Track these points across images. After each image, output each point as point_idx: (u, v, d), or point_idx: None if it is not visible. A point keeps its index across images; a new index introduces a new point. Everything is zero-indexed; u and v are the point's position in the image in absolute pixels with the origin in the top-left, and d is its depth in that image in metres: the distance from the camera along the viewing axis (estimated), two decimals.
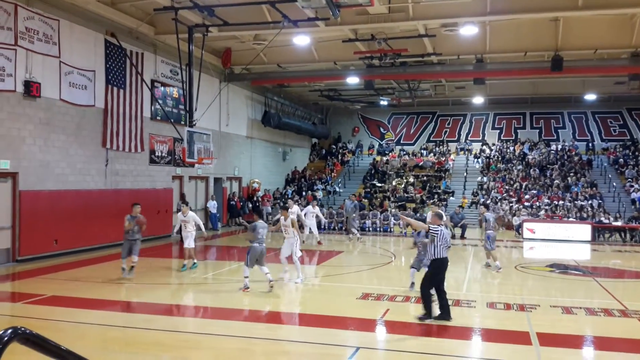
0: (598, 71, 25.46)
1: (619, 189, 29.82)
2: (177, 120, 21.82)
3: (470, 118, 38.31)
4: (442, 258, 9.48)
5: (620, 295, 11.95)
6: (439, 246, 9.44)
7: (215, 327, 8.96)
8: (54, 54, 16.52)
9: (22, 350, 2.53)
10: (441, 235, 9.48)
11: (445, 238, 9.54)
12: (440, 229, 9.56)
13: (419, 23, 19.37)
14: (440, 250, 9.45)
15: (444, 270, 9.61)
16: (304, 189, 33.24)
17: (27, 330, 2.48)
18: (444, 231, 9.63)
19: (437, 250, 9.45)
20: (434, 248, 9.47)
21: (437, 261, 9.49)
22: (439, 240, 9.44)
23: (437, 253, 9.45)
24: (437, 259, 9.48)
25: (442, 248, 9.46)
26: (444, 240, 9.50)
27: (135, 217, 13.12)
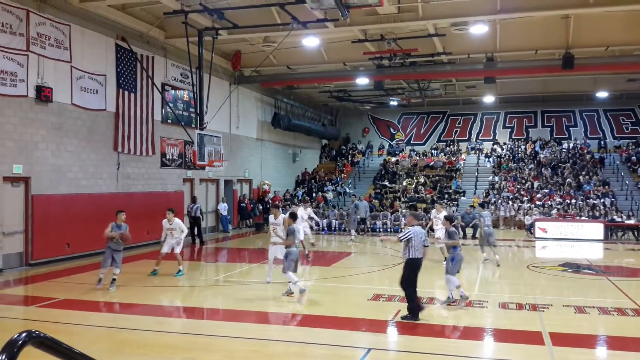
0: (610, 68, 25.28)
1: (631, 187, 29.56)
2: (187, 123, 21.92)
3: (481, 117, 38.15)
4: (416, 258, 9.57)
5: (634, 294, 11.84)
6: (413, 247, 9.51)
7: (226, 329, 8.98)
8: (66, 59, 16.66)
9: (37, 353, 2.56)
10: (414, 235, 9.53)
11: (420, 238, 9.59)
12: (410, 231, 9.61)
13: (428, 23, 19.32)
14: (414, 251, 9.53)
15: (419, 269, 9.70)
16: (314, 190, 33.25)
17: (41, 333, 2.50)
18: (417, 231, 9.62)
19: (411, 250, 9.54)
20: (409, 249, 9.55)
21: (411, 261, 9.57)
22: (413, 241, 9.50)
23: (412, 253, 9.54)
24: (411, 259, 9.57)
25: (417, 249, 9.53)
26: (420, 241, 9.56)
27: (120, 225, 12.52)
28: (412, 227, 9.71)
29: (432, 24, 19.72)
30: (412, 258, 9.57)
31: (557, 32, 20.86)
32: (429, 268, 15.58)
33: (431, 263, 15.09)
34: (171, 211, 14.36)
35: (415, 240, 9.52)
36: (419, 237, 9.57)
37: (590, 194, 28.53)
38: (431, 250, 13.21)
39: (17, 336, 2.40)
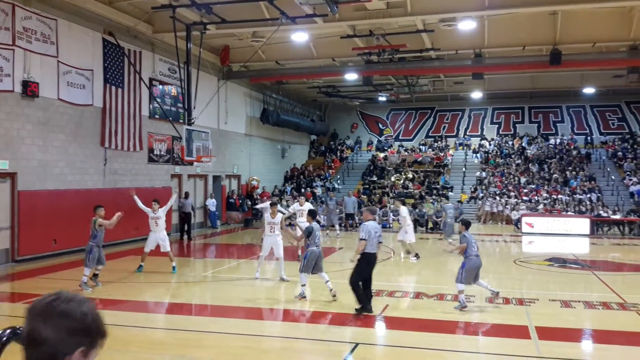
0: (596, 64, 25.49)
1: (617, 182, 29.86)
2: (175, 119, 21.82)
3: (468, 113, 38.31)
4: (370, 253, 9.55)
5: (619, 288, 11.98)
6: (368, 241, 9.47)
7: (216, 325, 8.99)
8: (52, 54, 16.51)
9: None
10: (367, 230, 9.51)
11: (375, 233, 9.56)
12: (364, 225, 9.62)
13: (417, 18, 19.35)
14: (368, 246, 9.48)
15: (371, 265, 9.67)
16: (303, 186, 33.26)
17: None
18: (371, 226, 9.59)
19: (367, 245, 9.47)
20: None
21: (364, 255, 9.55)
22: (366, 236, 9.47)
23: (366, 248, 9.48)
24: (365, 254, 9.53)
25: (371, 243, 9.49)
26: (375, 236, 9.53)
27: (96, 220, 12.14)
28: (367, 222, 9.71)
29: (421, 20, 19.75)
30: (366, 252, 9.52)
31: (544, 29, 20.98)
32: (425, 265, 15.69)
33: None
34: (156, 202, 14.27)
35: (368, 235, 9.48)
36: (374, 232, 9.55)
37: (576, 190, 28.77)
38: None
39: (2, 333, 2.39)
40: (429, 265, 16.48)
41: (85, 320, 1.68)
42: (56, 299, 1.68)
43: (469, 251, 10.04)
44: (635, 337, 8.40)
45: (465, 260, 10.12)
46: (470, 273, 10.01)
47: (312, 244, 10.68)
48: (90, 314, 1.71)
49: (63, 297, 1.68)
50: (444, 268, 15.93)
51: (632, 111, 35.35)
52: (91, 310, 1.72)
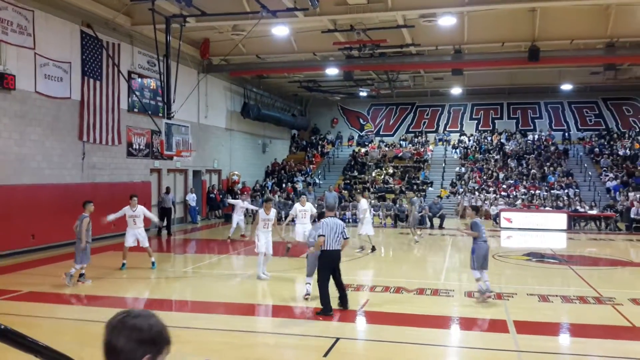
0: (574, 61, 25.80)
1: (594, 178, 30.31)
2: (154, 113, 21.63)
3: (448, 109, 38.56)
4: (329, 250, 9.35)
5: (595, 282, 12.16)
6: (327, 238, 9.33)
7: (196, 321, 8.94)
8: (29, 46, 16.24)
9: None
10: (327, 227, 9.37)
11: (335, 230, 9.38)
12: (322, 222, 9.55)
13: (397, 14, 19.40)
14: (328, 243, 9.33)
15: (333, 262, 9.45)
16: (284, 181, 33.21)
17: (2, 325, 2.45)
18: (330, 223, 9.45)
19: (325, 242, 9.35)
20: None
21: (324, 253, 9.42)
22: (324, 232, 9.36)
23: (325, 245, 9.36)
24: (324, 251, 9.40)
25: (331, 240, 9.32)
26: (335, 232, 9.36)
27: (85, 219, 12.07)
28: (325, 220, 9.60)
29: (401, 15, 19.80)
30: (325, 250, 9.39)
31: (523, 25, 21.17)
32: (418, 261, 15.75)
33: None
34: (135, 197, 14.08)
35: (326, 231, 9.32)
36: (333, 229, 9.35)
37: (554, 185, 29.14)
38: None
39: None
40: (409, 260, 16.59)
41: (151, 331, 1.95)
42: (127, 315, 1.99)
43: (480, 237, 10.38)
44: (611, 330, 8.54)
45: (475, 246, 10.45)
46: (480, 258, 10.31)
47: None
48: (155, 326, 1.97)
49: (133, 314, 1.99)
50: (424, 263, 16.05)
51: (609, 108, 35.88)
52: (156, 322, 1.99)
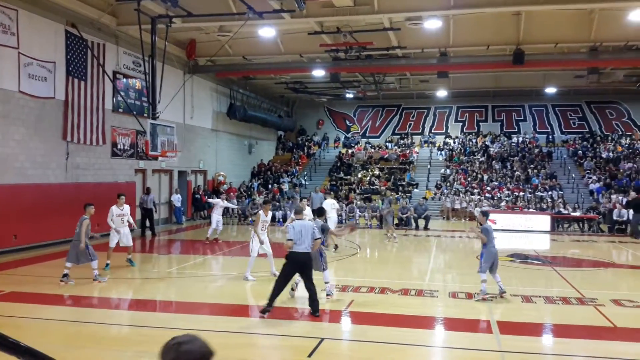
0: (558, 65, 26.06)
1: (577, 180, 30.62)
2: (140, 113, 21.51)
3: (434, 111, 38.77)
4: (295, 252, 9.14)
5: (578, 283, 12.28)
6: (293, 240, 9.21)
7: (180, 322, 8.90)
8: (13, 45, 16.09)
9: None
10: (292, 230, 9.26)
11: (302, 232, 9.20)
12: (290, 225, 9.48)
13: (384, 16, 19.48)
14: (295, 245, 9.16)
15: (298, 265, 9.20)
16: (270, 182, 33.18)
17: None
18: (299, 225, 9.33)
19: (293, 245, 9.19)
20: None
21: (290, 255, 9.26)
22: (291, 235, 9.22)
23: (293, 247, 9.20)
24: (291, 253, 9.24)
25: (299, 243, 9.14)
26: (301, 234, 9.18)
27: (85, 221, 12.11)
28: (293, 223, 9.52)
29: (388, 18, 19.89)
30: (291, 252, 9.23)
31: (508, 29, 21.36)
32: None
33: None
34: (123, 196, 14.05)
35: (294, 235, 9.18)
36: (301, 232, 9.17)
37: (538, 187, 29.38)
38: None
39: None
40: (394, 261, 16.65)
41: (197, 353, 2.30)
42: (177, 343, 2.29)
43: (489, 243, 10.60)
44: (593, 331, 8.63)
45: (484, 250, 10.71)
46: (488, 262, 10.57)
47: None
48: (199, 350, 2.31)
49: (182, 340, 2.30)
50: (409, 264, 16.11)
51: (592, 111, 36.29)
52: (202, 346, 2.33)
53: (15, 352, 2.62)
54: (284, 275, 9.31)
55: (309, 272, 9.30)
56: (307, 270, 9.29)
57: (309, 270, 9.32)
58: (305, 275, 9.29)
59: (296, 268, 9.28)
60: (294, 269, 9.29)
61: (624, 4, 18.34)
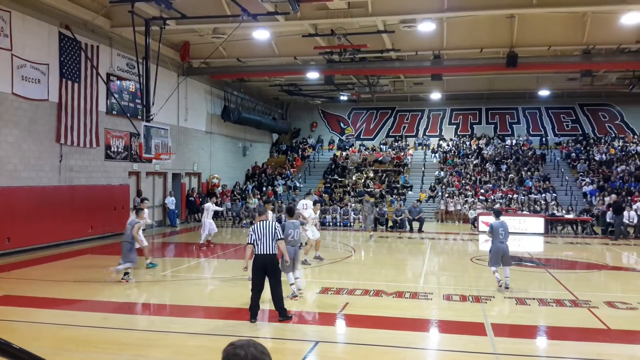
0: (551, 67, 26.15)
1: (571, 183, 30.73)
2: (133, 115, 21.45)
3: (428, 113, 38.84)
4: (259, 254, 8.97)
5: (572, 286, 12.33)
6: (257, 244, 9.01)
7: (174, 325, 8.89)
8: (6, 47, 16.04)
9: None
10: (252, 233, 9.07)
11: (262, 234, 8.98)
12: (250, 228, 9.24)
13: (378, 19, 19.52)
14: (258, 247, 8.98)
15: (264, 268, 8.95)
16: (265, 184, 33.15)
17: None
18: (258, 227, 9.09)
19: (256, 247, 9.02)
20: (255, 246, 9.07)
21: (255, 257, 9.06)
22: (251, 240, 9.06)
23: (256, 249, 9.02)
24: (256, 256, 9.04)
25: (261, 245, 8.94)
26: (264, 236, 8.97)
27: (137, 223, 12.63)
28: (253, 225, 9.27)
29: (382, 21, 19.92)
30: (255, 254, 9.04)
31: (502, 32, 21.43)
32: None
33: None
34: (146, 200, 14.91)
35: (254, 237, 9.01)
36: (262, 233, 8.98)
37: (531, 189, 29.47)
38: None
39: None
40: (388, 263, 16.65)
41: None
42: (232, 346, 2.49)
43: (494, 238, 11.74)
44: (587, 333, 8.66)
45: (492, 246, 11.86)
46: (496, 256, 11.65)
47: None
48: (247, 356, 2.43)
49: (236, 344, 2.49)
50: (404, 266, 16.12)
51: (586, 113, 36.45)
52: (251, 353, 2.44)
53: (8, 354, 2.60)
54: (254, 280, 9.04)
55: (274, 273, 9.03)
56: (273, 273, 9.02)
57: (275, 271, 9.06)
58: (273, 279, 9.01)
59: (262, 270, 8.96)
60: (260, 272, 8.97)
61: (616, 7, 18.42)
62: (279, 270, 9.22)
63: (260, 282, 8.96)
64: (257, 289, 8.94)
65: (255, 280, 9.01)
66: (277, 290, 9.00)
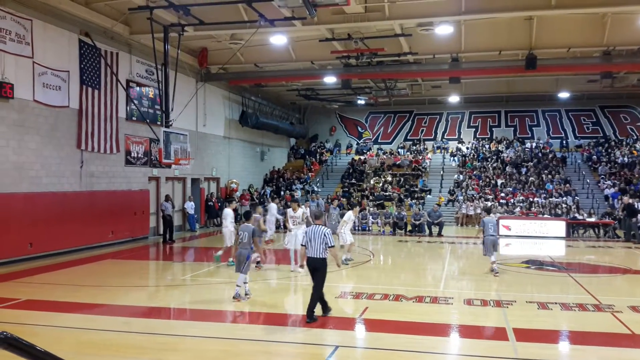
0: (571, 69, 25.90)
1: (592, 186, 30.33)
2: (153, 121, 21.64)
3: (446, 117, 38.67)
4: (308, 257, 9.46)
5: (594, 290, 12.15)
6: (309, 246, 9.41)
7: (194, 329, 8.91)
8: (27, 54, 16.27)
9: (3, 354, 2.50)
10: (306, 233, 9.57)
11: (314, 237, 9.35)
12: (307, 228, 9.72)
13: (395, 22, 19.48)
14: (308, 250, 9.43)
15: (312, 270, 9.46)
16: (283, 189, 33.21)
17: (9, 334, 2.44)
18: (311, 230, 9.49)
19: (307, 250, 9.45)
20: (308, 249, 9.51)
21: (307, 260, 9.55)
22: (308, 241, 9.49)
23: (308, 252, 9.47)
24: (307, 258, 9.51)
25: (312, 249, 9.34)
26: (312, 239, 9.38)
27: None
28: (308, 228, 9.79)
29: (399, 24, 19.89)
30: (307, 257, 9.50)
31: (520, 34, 21.26)
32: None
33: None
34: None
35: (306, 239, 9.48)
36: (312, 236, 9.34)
37: (552, 193, 29.15)
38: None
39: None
40: (408, 268, 16.56)
41: None
42: None
43: (485, 232, 14.03)
44: (610, 338, 8.52)
45: (484, 237, 14.07)
46: (488, 246, 13.96)
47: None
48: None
49: None
50: (423, 271, 16.02)
51: (606, 115, 36.01)
52: None
53: (32, 356, 2.62)
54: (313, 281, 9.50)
55: (320, 276, 9.34)
56: (317, 274, 9.35)
57: (321, 275, 9.35)
58: (317, 279, 9.36)
59: (311, 273, 9.52)
60: (311, 274, 9.53)
61: (637, 7, 18.17)
62: (325, 274, 9.46)
63: (316, 282, 9.41)
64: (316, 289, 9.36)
65: (314, 280, 9.42)
66: (317, 293, 9.30)
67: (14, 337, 2.48)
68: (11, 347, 2.48)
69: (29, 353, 2.59)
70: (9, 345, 2.46)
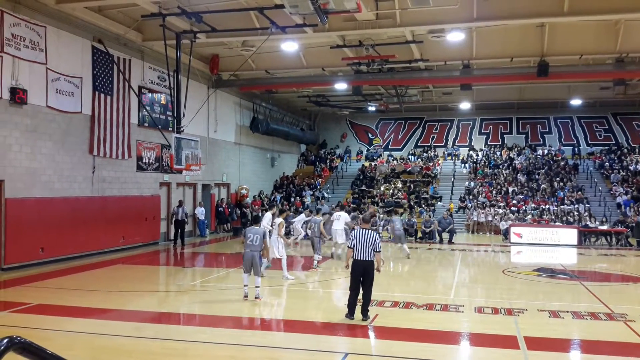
0: (583, 76, 25.77)
1: (604, 193, 30.12)
2: (164, 127, 21.76)
3: (457, 123, 38.57)
4: (356, 260, 9.70)
5: (607, 298, 12.05)
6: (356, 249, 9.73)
7: (204, 335, 8.93)
8: (41, 61, 16.44)
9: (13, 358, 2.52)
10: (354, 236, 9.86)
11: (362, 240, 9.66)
12: (354, 231, 10.04)
13: (406, 29, 19.48)
14: (356, 253, 9.69)
15: (359, 272, 9.69)
16: (293, 195, 33.24)
17: (22, 339, 2.46)
18: (359, 233, 9.80)
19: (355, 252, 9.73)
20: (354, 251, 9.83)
21: (353, 262, 9.74)
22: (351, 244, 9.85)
23: (354, 255, 9.73)
24: (354, 260, 9.74)
25: (359, 251, 9.65)
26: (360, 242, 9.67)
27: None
28: (353, 231, 10.21)
29: (410, 31, 19.88)
30: (354, 259, 9.76)
31: (532, 41, 21.18)
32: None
33: None
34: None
35: (354, 242, 9.74)
36: (361, 239, 9.67)
37: (564, 200, 28.97)
38: None
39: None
40: (418, 275, 16.51)
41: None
42: None
43: None
44: (622, 347, 8.44)
45: None
46: None
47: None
48: None
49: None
50: (434, 278, 15.96)
51: (619, 123, 35.77)
52: None
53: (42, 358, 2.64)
54: (351, 281, 9.78)
55: (369, 278, 9.68)
56: (367, 277, 9.66)
57: (370, 277, 9.69)
58: (366, 282, 9.68)
59: (358, 274, 9.67)
60: (357, 275, 9.68)
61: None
62: (373, 276, 9.77)
63: (357, 285, 9.68)
64: (354, 291, 9.71)
65: (353, 283, 9.73)
66: (368, 294, 9.71)
67: (30, 343, 2.51)
68: (26, 352, 2.50)
69: (45, 359, 2.61)
70: (23, 350, 2.48)
